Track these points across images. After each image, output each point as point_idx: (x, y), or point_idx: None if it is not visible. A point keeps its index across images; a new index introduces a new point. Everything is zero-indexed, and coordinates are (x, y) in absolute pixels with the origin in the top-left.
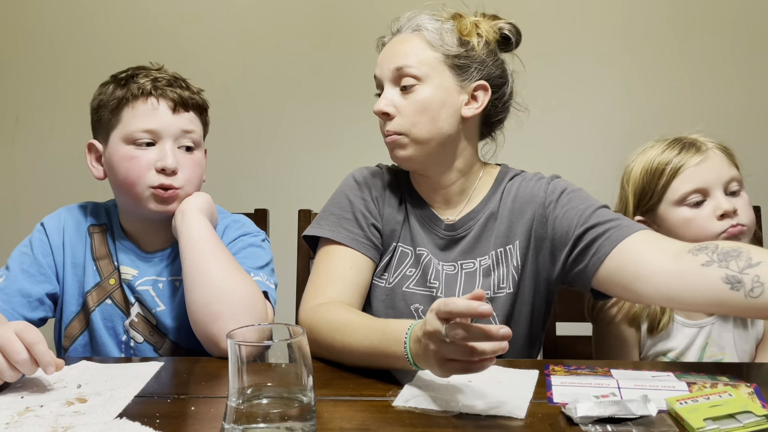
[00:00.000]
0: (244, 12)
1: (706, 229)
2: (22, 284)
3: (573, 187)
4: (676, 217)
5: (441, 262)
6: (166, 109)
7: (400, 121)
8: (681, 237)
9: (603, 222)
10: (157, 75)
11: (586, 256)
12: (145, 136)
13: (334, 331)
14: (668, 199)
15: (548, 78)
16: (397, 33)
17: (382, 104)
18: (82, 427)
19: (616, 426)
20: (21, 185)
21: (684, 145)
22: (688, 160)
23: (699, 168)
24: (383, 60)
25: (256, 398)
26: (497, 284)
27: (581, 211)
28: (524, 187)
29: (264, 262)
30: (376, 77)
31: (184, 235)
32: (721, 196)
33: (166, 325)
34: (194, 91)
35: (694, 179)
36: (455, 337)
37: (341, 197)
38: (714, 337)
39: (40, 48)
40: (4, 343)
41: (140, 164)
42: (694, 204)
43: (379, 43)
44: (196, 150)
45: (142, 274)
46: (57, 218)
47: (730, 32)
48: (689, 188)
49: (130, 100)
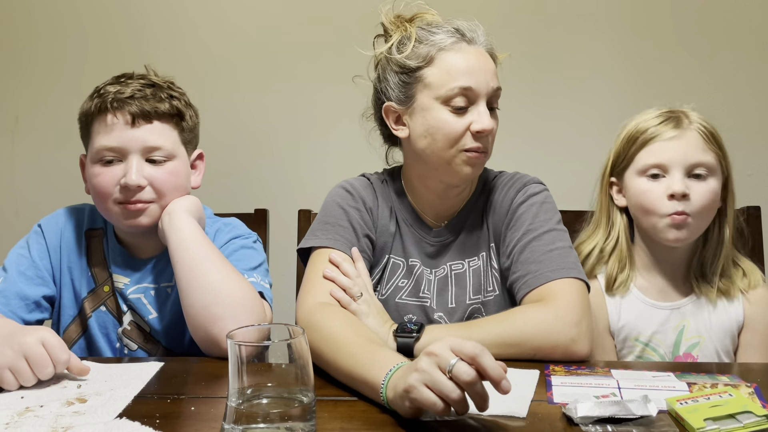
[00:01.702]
0: (245, 12)
1: (654, 205)
2: (20, 287)
3: (535, 199)
4: (634, 186)
5: (432, 270)
6: (124, 124)
7: (491, 139)
8: (636, 207)
9: (528, 262)
10: (125, 86)
11: (513, 287)
12: (107, 153)
13: (323, 341)
14: (633, 167)
15: (547, 77)
16: (473, 44)
17: (491, 122)
18: (82, 427)
19: (617, 426)
20: (21, 185)
21: (669, 117)
22: (662, 132)
23: (669, 143)
24: (482, 74)
25: (256, 398)
26: (486, 288)
27: (518, 239)
28: (500, 190)
29: (257, 262)
30: (469, 88)
31: (174, 237)
32: (678, 177)
33: (159, 331)
34: (162, 98)
35: (659, 153)
36: (461, 375)
37: (334, 207)
38: (690, 319)
39: (40, 48)
40: (32, 355)
41: (105, 181)
42: (651, 177)
43: (426, 38)
44: (170, 161)
45: (134, 282)
46: (55, 221)
47: (731, 32)
48: (652, 161)
49: (93, 117)
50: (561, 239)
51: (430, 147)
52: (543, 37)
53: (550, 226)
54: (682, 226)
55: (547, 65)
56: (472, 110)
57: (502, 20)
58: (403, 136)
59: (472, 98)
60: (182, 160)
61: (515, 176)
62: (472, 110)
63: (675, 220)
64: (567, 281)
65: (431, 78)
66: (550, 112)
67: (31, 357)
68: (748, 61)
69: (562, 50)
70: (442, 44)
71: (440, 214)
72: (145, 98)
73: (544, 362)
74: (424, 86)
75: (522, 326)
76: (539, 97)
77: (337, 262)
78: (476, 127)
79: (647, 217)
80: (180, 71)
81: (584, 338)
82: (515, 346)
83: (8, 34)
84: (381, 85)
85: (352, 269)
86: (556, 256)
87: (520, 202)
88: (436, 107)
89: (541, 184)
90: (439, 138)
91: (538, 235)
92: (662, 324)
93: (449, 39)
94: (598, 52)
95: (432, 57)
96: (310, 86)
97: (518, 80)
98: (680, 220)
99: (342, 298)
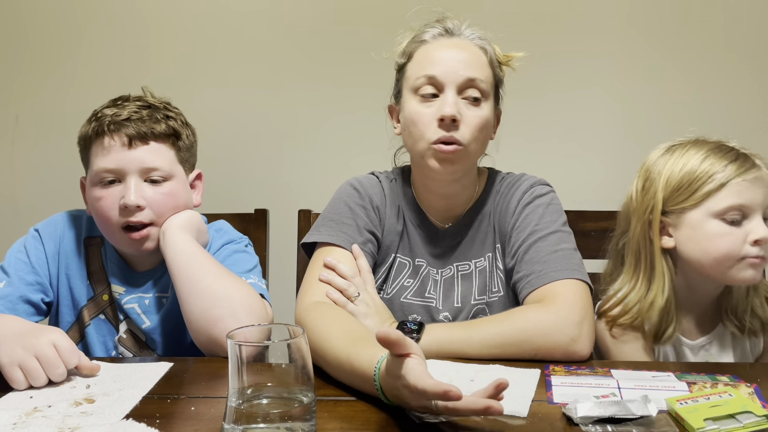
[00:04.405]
0: (244, 13)
1: (733, 248)
2: (23, 291)
3: (541, 200)
4: (708, 228)
5: (438, 270)
6: (121, 146)
7: (464, 131)
8: (705, 247)
9: (532, 262)
10: (122, 108)
11: (516, 287)
12: (107, 175)
13: (316, 339)
14: (707, 208)
15: (553, 79)
16: (452, 36)
17: (453, 109)
18: (89, 428)
19: (617, 426)
20: (21, 185)
21: (739, 155)
22: (741, 173)
23: (751, 185)
24: (450, 62)
25: (256, 398)
26: (490, 288)
27: (523, 239)
28: (507, 191)
29: (252, 265)
30: (433, 76)
31: (169, 252)
32: (760, 221)
33: (154, 340)
34: (158, 119)
35: (740, 195)
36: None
37: (340, 205)
38: (714, 354)
39: (40, 48)
40: (43, 356)
41: (106, 203)
42: (731, 221)
43: (416, 36)
44: (167, 181)
45: (129, 291)
46: (53, 227)
47: (734, 31)
48: (733, 203)
49: (91, 140)
50: (566, 241)
51: (408, 140)
52: (545, 37)
53: (555, 228)
54: (759, 266)
55: (551, 64)
56: (439, 99)
57: (502, 20)
58: (398, 132)
59: (438, 86)
60: (180, 180)
61: (522, 177)
62: (439, 99)
63: (753, 263)
64: (570, 282)
65: (409, 71)
66: (555, 112)
67: (42, 358)
68: (748, 61)
69: (563, 50)
70: (424, 38)
71: (446, 215)
72: (142, 120)
73: (545, 362)
74: (405, 80)
75: (523, 326)
76: (543, 96)
77: (332, 264)
78: (438, 114)
79: (720, 261)
80: (180, 71)
81: (585, 339)
82: (516, 345)
83: (8, 34)
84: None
85: (348, 270)
86: (561, 257)
87: (526, 203)
88: (409, 98)
89: (548, 185)
90: (412, 130)
91: (544, 235)
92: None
93: (431, 33)
94: (599, 52)
95: (412, 52)
96: (310, 86)
97: (523, 79)
98: (758, 261)
99: (338, 299)
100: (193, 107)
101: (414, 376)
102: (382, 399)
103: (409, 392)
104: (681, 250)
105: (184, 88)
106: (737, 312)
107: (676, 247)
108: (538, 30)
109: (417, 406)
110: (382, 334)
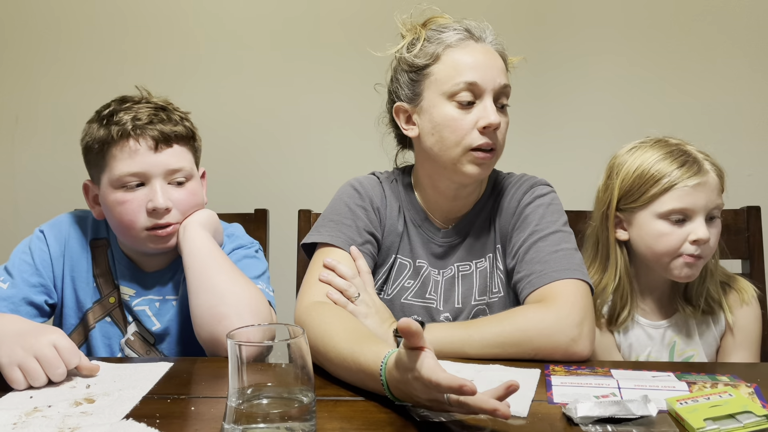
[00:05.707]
0: (243, 12)
1: (673, 246)
2: (26, 293)
3: (542, 200)
4: (653, 227)
5: (439, 270)
6: (148, 149)
7: (499, 137)
8: (650, 243)
9: (533, 262)
10: (137, 111)
11: (516, 287)
12: (132, 179)
13: (317, 339)
14: (653, 209)
15: (553, 79)
16: (480, 41)
17: (498, 117)
18: (89, 428)
19: (617, 426)
20: (21, 185)
21: (687, 160)
22: (686, 179)
23: (693, 189)
24: (487, 69)
25: (256, 398)
26: (491, 289)
27: (524, 239)
28: (508, 191)
29: (261, 271)
30: (474, 83)
31: (186, 248)
32: (701, 223)
33: (164, 342)
34: (176, 121)
35: (684, 199)
36: (455, 403)
37: (340, 205)
38: (677, 336)
39: (40, 48)
40: (42, 356)
41: (132, 207)
42: (674, 222)
43: (437, 37)
44: (188, 182)
45: (139, 293)
46: (59, 228)
47: (731, 31)
48: (677, 206)
49: (111, 143)
50: (567, 241)
51: (437, 145)
52: (546, 36)
53: (556, 228)
54: (694, 265)
55: (552, 64)
56: (478, 106)
57: (503, 20)
58: (413, 135)
59: (477, 93)
60: (197, 179)
61: (523, 178)
62: (478, 106)
63: (688, 260)
64: (570, 282)
65: (438, 74)
66: (555, 112)
67: (42, 358)
68: (749, 61)
69: (564, 50)
70: (449, 41)
71: (449, 215)
72: (162, 122)
73: (545, 362)
74: (431, 83)
75: (523, 326)
76: (544, 96)
77: (332, 265)
78: (482, 123)
79: (661, 257)
80: (181, 71)
81: (585, 339)
82: (516, 345)
83: (8, 34)
84: (393, 86)
85: (348, 270)
86: (561, 257)
87: (527, 204)
88: (442, 103)
89: (549, 185)
90: (446, 135)
91: (544, 236)
92: (656, 342)
93: (456, 36)
94: (599, 52)
95: (439, 54)
96: (311, 86)
97: (523, 80)
98: (692, 261)
99: (338, 300)
100: (193, 107)
101: (428, 369)
102: (387, 395)
103: (422, 385)
104: (632, 244)
105: (185, 88)
106: (692, 298)
107: (630, 239)
108: (539, 30)
109: (426, 399)
110: (404, 323)
